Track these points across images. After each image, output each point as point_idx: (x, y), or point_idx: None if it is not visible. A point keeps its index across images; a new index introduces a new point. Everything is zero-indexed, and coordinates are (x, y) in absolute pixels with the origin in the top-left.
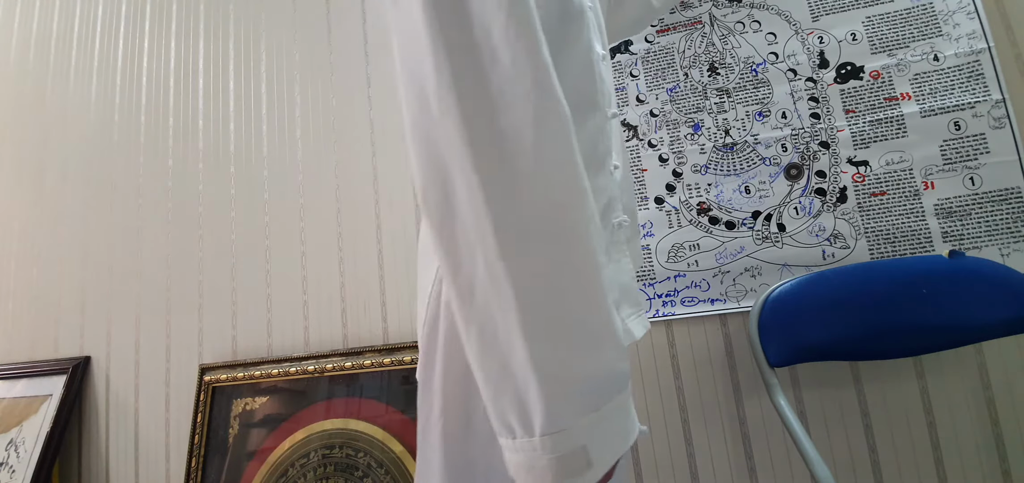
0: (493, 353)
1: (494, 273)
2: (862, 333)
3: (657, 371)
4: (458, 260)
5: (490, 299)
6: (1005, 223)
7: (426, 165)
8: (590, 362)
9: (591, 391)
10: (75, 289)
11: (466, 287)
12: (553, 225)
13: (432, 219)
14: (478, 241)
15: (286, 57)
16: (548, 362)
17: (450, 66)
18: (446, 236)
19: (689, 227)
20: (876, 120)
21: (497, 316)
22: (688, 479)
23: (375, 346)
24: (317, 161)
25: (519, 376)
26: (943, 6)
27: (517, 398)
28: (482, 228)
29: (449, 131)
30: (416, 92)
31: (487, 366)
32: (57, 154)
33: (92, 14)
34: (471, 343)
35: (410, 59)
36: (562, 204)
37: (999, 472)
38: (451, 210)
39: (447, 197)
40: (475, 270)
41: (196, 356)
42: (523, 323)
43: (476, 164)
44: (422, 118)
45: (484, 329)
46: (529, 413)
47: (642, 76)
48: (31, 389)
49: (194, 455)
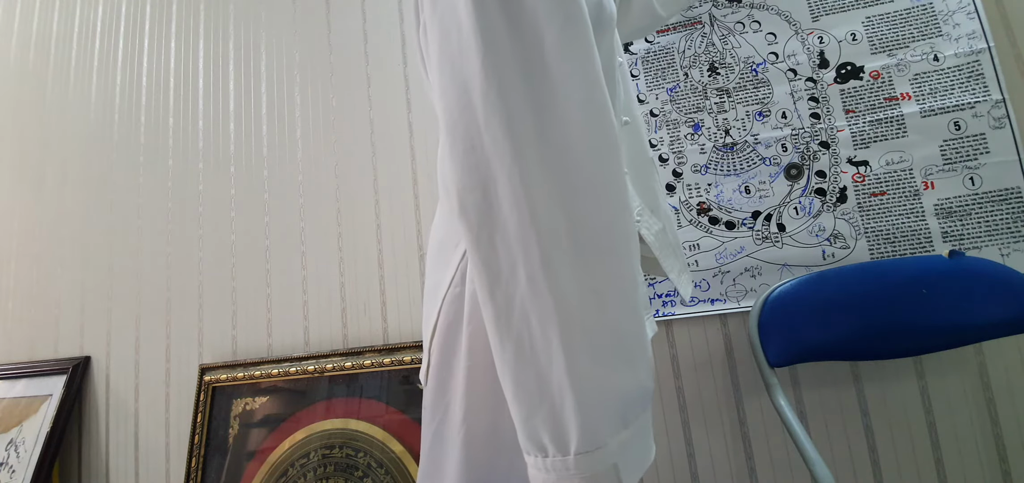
0: (529, 369)
1: (536, 286)
2: (862, 333)
3: (657, 371)
4: (497, 271)
5: (530, 312)
6: (1005, 223)
7: (466, 168)
8: (625, 379)
9: (624, 408)
10: (75, 289)
11: (505, 300)
12: (598, 240)
13: (470, 225)
14: (521, 253)
15: (286, 57)
16: (587, 378)
17: (498, 72)
18: (485, 245)
19: (689, 227)
20: (876, 120)
21: (536, 331)
22: (688, 479)
23: (375, 346)
24: (317, 161)
25: (556, 393)
26: (943, 6)
27: (552, 416)
28: (527, 240)
29: (496, 137)
30: (458, 90)
31: (522, 382)
32: (57, 154)
33: (92, 14)
34: (506, 358)
35: (452, 53)
36: (607, 219)
37: (999, 472)
38: (493, 218)
39: (489, 204)
40: (516, 282)
41: (196, 356)
42: (564, 338)
43: (523, 174)
44: (464, 118)
45: (521, 343)
46: (565, 431)
47: (642, 76)
48: (31, 389)
49: (194, 455)
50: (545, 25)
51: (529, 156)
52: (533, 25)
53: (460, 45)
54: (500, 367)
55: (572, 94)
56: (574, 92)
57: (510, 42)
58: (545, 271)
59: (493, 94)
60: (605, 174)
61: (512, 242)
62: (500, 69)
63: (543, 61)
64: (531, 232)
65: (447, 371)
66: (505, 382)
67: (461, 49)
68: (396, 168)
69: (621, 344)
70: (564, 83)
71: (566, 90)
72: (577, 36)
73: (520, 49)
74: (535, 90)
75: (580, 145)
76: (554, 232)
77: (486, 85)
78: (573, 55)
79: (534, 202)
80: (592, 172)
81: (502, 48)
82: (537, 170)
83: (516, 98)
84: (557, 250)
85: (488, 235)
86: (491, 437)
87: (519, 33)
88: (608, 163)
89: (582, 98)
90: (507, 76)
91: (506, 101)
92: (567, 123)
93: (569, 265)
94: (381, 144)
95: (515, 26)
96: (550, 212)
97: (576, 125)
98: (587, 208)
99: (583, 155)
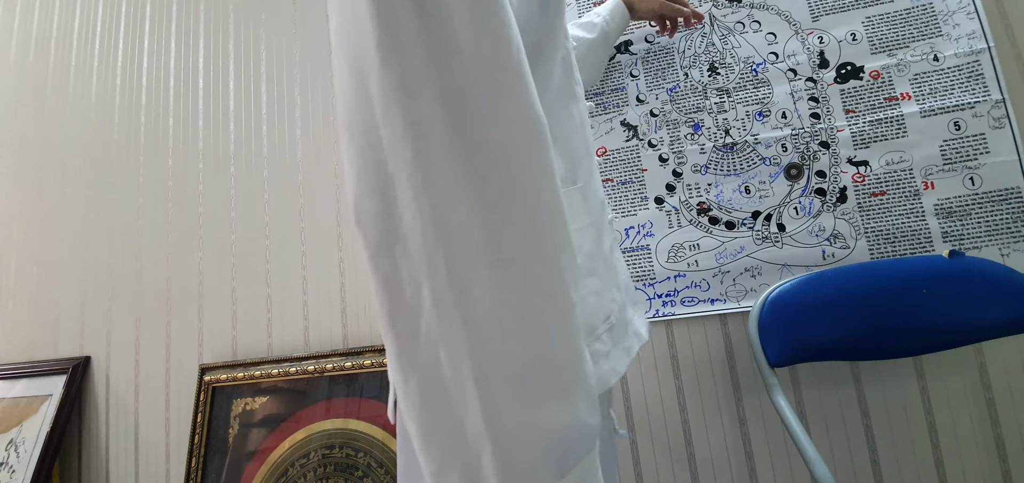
0: (439, 412)
1: (444, 309)
2: (862, 333)
3: (657, 371)
4: (398, 292)
5: (437, 342)
6: (1005, 223)
7: (362, 170)
8: (559, 417)
9: (559, 453)
10: (75, 289)
11: (407, 328)
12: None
13: (367, 237)
14: (426, 269)
15: (286, 57)
16: (509, 421)
17: (399, 56)
18: (383, 261)
19: (689, 227)
20: (876, 120)
21: (445, 364)
22: (688, 479)
23: (375, 346)
24: (317, 161)
25: (471, 441)
26: (943, 6)
27: (467, 470)
28: (432, 253)
29: (395, 131)
30: (355, 80)
31: (430, 431)
32: (57, 154)
33: (92, 14)
34: (410, 400)
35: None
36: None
37: (999, 472)
38: (392, 228)
39: (388, 211)
40: (419, 306)
41: (196, 356)
42: (478, 373)
43: (427, 175)
44: (360, 111)
45: (428, 381)
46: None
47: (642, 76)
48: (31, 389)
49: (194, 455)
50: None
51: (435, 154)
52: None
53: (356, 28)
54: (405, 411)
55: (488, 81)
56: (492, 78)
57: (413, 22)
58: (455, 291)
59: (392, 80)
60: (529, 173)
61: (415, 257)
62: (401, 53)
63: (453, 41)
64: (437, 244)
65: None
66: (411, 429)
67: (357, 32)
68: None
69: (553, 373)
70: (479, 68)
71: (482, 76)
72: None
73: (424, 30)
74: (442, 76)
75: (499, 141)
76: (466, 244)
77: (383, 71)
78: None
79: (441, 208)
80: (514, 172)
81: (404, 29)
82: (445, 170)
83: (419, 86)
84: (470, 265)
85: (387, 250)
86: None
87: (423, 10)
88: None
89: (500, 85)
90: (409, 61)
91: (407, 88)
92: (482, 116)
93: (485, 283)
94: None
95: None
96: (461, 220)
97: (493, 118)
98: (508, 214)
99: (503, 152)
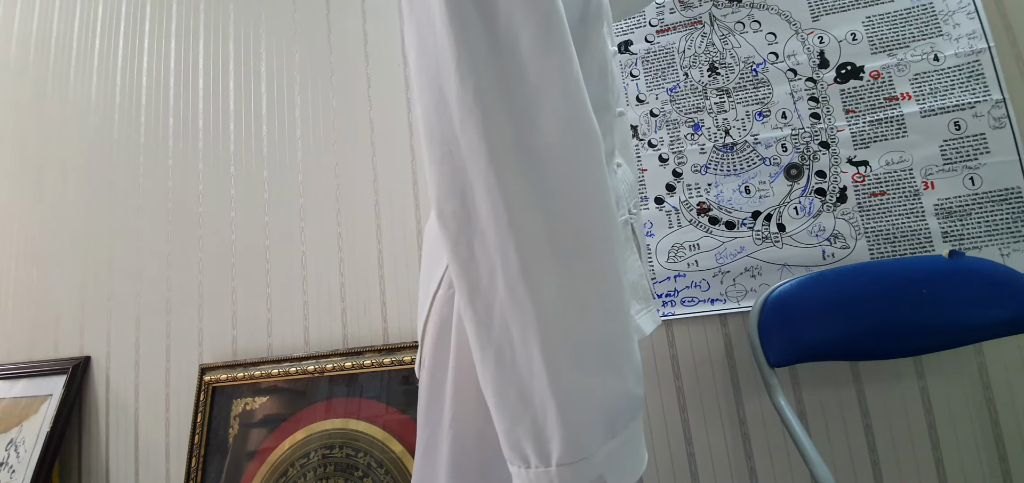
0: (510, 379)
1: (515, 294)
2: (862, 333)
3: (657, 371)
4: (476, 278)
5: (509, 321)
6: (1005, 223)
7: (443, 173)
8: (611, 386)
9: (610, 417)
10: (75, 289)
11: (484, 308)
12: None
13: (448, 231)
14: (499, 259)
15: (286, 57)
16: (569, 388)
17: (474, 74)
18: (463, 251)
19: (689, 227)
20: (876, 120)
21: (516, 339)
22: (688, 479)
23: (375, 346)
24: (317, 161)
25: (537, 403)
26: (943, 6)
27: (534, 426)
28: (505, 246)
29: (472, 141)
30: (435, 94)
31: (503, 393)
32: (57, 154)
33: (92, 14)
34: (487, 368)
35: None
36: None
37: (999, 472)
38: (471, 224)
39: (467, 209)
40: (494, 290)
41: (196, 356)
42: (544, 346)
43: (500, 179)
44: (441, 122)
45: (502, 353)
46: (547, 442)
47: (642, 76)
48: (31, 389)
49: (194, 455)
50: (521, 25)
51: (506, 160)
52: (508, 25)
53: (435, 47)
54: (482, 377)
55: (549, 95)
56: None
57: (485, 43)
58: (524, 277)
59: (469, 97)
60: (585, 176)
61: (490, 249)
62: (475, 71)
63: (520, 61)
64: (509, 238)
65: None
66: (487, 392)
67: (436, 52)
68: (396, 168)
69: (606, 350)
70: (541, 84)
71: (543, 91)
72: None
73: (495, 50)
74: (511, 92)
75: (558, 147)
76: (533, 237)
77: (461, 88)
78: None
79: (512, 207)
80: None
81: (477, 50)
82: (514, 174)
83: (492, 100)
84: (536, 255)
85: (466, 242)
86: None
87: (494, 34)
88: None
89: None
90: (482, 78)
91: (482, 104)
92: (545, 125)
93: (549, 270)
94: (381, 144)
95: (490, 27)
96: (528, 217)
97: (554, 127)
98: (566, 211)
99: (562, 157)
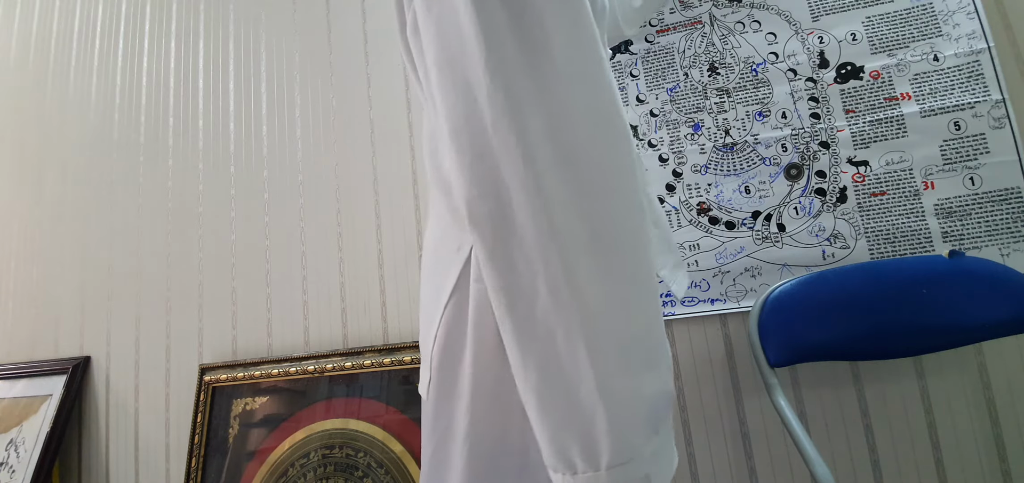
0: (556, 385)
1: (558, 296)
2: (862, 333)
3: None
4: (516, 283)
5: (554, 326)
6: (1005, 223)
7: (475, 176)
8: (652, 384)
9: (652, 414)
10: (75, 289)
11: (526, 314)
12: (617, 241)
13: (483, 237)
14: (541, 262)
15: (286, 57)
16: (617, 390)
17: (505, 74)
18: (501, 257)
19: (689, 227)
20: (876, 120)
21: (562, 344)
22: (688, 479)
23: (375, 346)
24: (317, 161)
25: (586, 408)
26: (943, 6)
27: (582, 431)
28: (546, 248)
29: (506, 142)
30: (462, 94)
31: (549, 399)
32: (57, 154)
33: (92, 14)
34: (528, 376)
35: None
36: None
37: (999, 472)
38: (508, 228)
39: (503, 213)
40: (536, 294)
41: (196, 356)
42: (591, 349)
43: (538, 180)
44: (470, 124)
45: (546, 359)
46: (596, 446)
47: (642, 76)
48: (31, 389)
49: (194, 455)
50: (550, 21)
51: (542, 160)
52: (539, 21)
53: (462, 47)
54: (523, 385)
55: (581, 92)
56: (584, 89)
57: (515, 41)
58: (567, 280)
59: (500, 97)
60: (619, 173)
61: (530, 252)
62: (506, 70)
63: (550, 58)
64: (550, 240)
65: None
66: (528, 400)
67: (463, 51)
68: (396, 168)
69: (647, 348)
70: (573, 80)
71: (576, 88)
72: (583, 30)
73: (526, 47)
74: (544, 90)
75: (593, 145)
76: (573, 238)
77: (492, 87)
78: (580, 50)
79: (551, 208)
80: (606, 172)
81: (507, 48)
82: (551, 174)
83: (524, 99)
84: (577, 256)
85: (503, 246)
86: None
87: (524, 31)
88: (621, 161)
89: (592, 95)
90: (513, 77)
91: (514, 103)
92: (578, 122)
93: (591, 271)
94: (381, 144)
95: (519, 24)
96: (567, 217)
97: (587, 124)
98: (604, 210)
99: (596, 155)
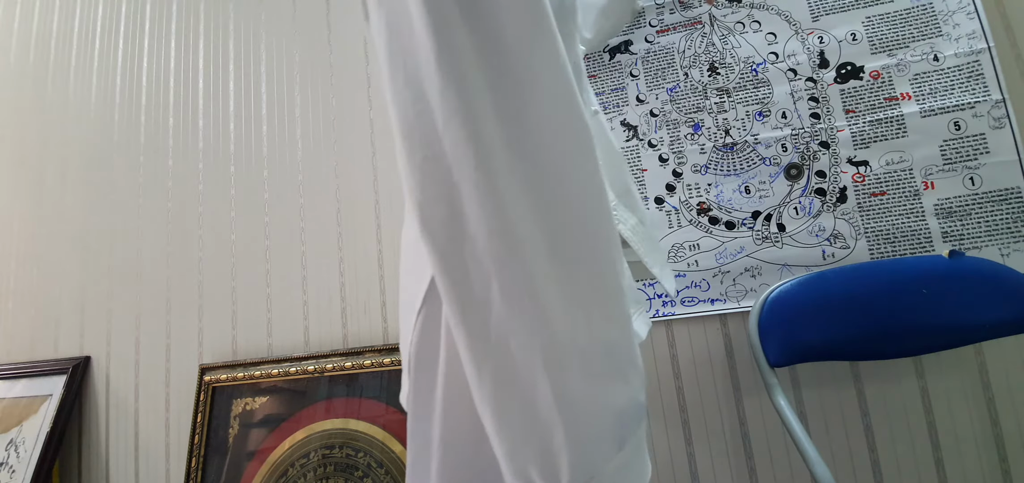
0: (511, 397)
1: (512, 303)
2: (862, 333)
3: (657, 371)
4: (469, 290)
5: (507, 334)
6: (1005, 223)
7: (426, 178)
8: (618, 395)
9: (618, 428)
10: (75, 289)
11: (478, 322)
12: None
13: (435, 241)
14: (494, 267)
15: (286, 57)
16: (577, 402)
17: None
18: (452, 262)
19: (689, 227)
20: (876, 120)
21: (517, 354)
22: (688, 479)
23: (375, 346)
24: (317, 161)
25: (543, 420)
26: (943, 6)
27: (540, 447)
28: (499, 252)
29: (458, 142)
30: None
31: (503, 413)
32: (57, 154)
33: (92, 14)
34: (484, 387)
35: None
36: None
37: (999, 472)
38: (460, 232)
39: (455, 216)
40: (489, 301)
41: (196, 356)
42: (547, 359)
43: (491, 181)
44: (421, 123)
45: (501, 369)
46: (554, 462)
47: (642, 76)
48: (31, 389)
49: (194, 455)
50: (505, 16)
51: (496, 161)
52: (492, 16)
53: (412, 42)
54: (478, 398)
55: (538, 90)
56: (540, 87)
57: (468, 36)
58: (523, 287)
59: (451, 94)
60: (580, 175)
61: (483, 256)
62: (458, 66)
63: (505, 54)
64: (503, 244)
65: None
66: (484, 414)
67: (413, 46)
68: (396, 168)
69: (614, 358)
70: (529, 78)
71: (532, 85)
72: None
73: (479, 44)
74: (498, 87)
75: (551, 146)
76: (530, 243)
77: (443, 85)
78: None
79: (504, 210)
80: (566, 174)
81: (459, 43)
82: (505, 176)
83: (477, 97)
84: (533, 260)
85: (456, 251)
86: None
87: (477, 26)
88: (582, 163)
89: (550, 94)
90: (466, 74)
91: (466, 101)
92: (535, 122)
93: (548, 275)
94: (381, 144)
95: (472, 19)
96: (523, 220)
97: (545, 124)
98: (564, 213)
99: (555, 156)
